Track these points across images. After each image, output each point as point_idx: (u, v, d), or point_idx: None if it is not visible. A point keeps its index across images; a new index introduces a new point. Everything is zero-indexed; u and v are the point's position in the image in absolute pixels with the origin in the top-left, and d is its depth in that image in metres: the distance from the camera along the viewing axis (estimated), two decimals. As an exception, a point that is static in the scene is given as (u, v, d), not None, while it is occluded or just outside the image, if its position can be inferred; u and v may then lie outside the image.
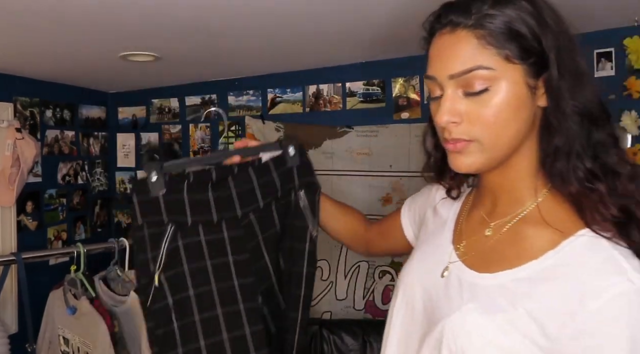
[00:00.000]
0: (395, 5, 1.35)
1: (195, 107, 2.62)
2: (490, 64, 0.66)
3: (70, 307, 1.53)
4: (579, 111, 0.67)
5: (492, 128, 0.68)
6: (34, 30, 1.54)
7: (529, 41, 0.67)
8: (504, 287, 0.68)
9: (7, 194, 2.12)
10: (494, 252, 0.74)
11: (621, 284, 0.60)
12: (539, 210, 0.71)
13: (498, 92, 0.67)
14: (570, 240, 0.66)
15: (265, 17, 1.48)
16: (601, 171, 0.68)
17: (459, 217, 0.86)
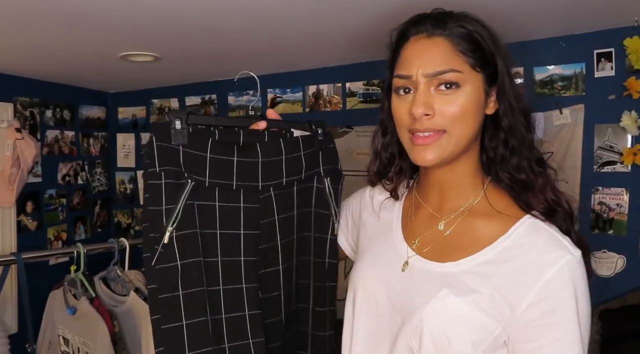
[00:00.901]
0: (395, 5, 1.35)
1: (195, 107, 2.61)
2: (460, 68, 0.78)
3: (70, 307, 1.53)
4: (522, 115, 0.82)
5: (460, 122, 0.79)
6: (34, 31, 1.54)
7: (487, 55, 0.80)
8: (469, 271, 0.78)
9: (7, 194, 2.12)
10: (451, 244, 0.83)
11: (565, 256, 0.74)
12: (487, 202, 0.83)
13: (464, 93, 0.78)
14: (515, 226, 0.79)
15: (265, 17, 1.48)
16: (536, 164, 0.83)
17: (404, 216, 0.93)
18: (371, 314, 0.87)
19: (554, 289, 0.73)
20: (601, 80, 1.69)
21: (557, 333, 0.73)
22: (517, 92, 0.83)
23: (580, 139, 1.72)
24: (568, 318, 0.73)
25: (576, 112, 1.72)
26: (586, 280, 0.76)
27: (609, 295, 1.71)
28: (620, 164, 1.66)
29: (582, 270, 0.75)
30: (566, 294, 0.73)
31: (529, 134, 0.84)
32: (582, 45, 1.71)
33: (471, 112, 0.79)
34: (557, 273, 0.73)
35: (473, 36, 0.80)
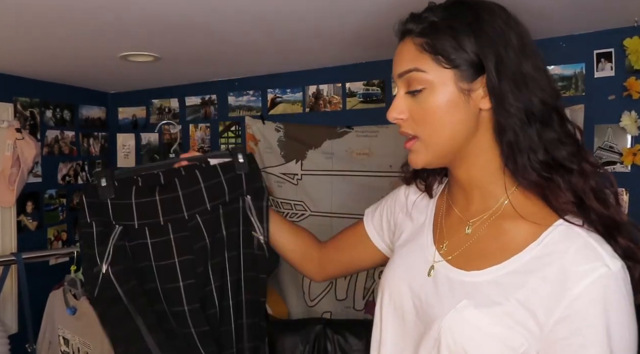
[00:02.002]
0: (395, 5, 1.35)
1: (195, 107, 2.62)
2: (424, 67, 0.74)
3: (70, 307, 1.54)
4: (523, 111, 0.71)
5: (429, 126, 0.75)
6: (34, 31, 1.54)
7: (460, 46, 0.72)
8: (494, 282, 0.72)
9: (7, 194, 2.12)
10: (477, 250, 0.77)
11: (599, 268, 0.66)
12: (512, 205, 0.75)
13: (432, 94, 0.74)
14: (548, 231, 0.71)
15: (265, 18, 1.48)
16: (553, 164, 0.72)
17: (437, 217, 0.89)
18: (397, 318, 0.85)
19: (582, 306, 0.65)
20: (601, 80, 1.69)
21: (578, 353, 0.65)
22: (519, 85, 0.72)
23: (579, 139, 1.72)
24: (596, 340, 0.64)
25: (576, 113, 1.72)
26: (627, 298, 0.66)
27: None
28: (620, 165, 1.66)
29: (620, 286, 0.66)
30: (595, 313, 0.65)
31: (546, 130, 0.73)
32: (582, 45, 1.71)
33: (441, 114, 0.74)
34: (587, 288, 0.65)
35: (440, 29, 0.73)
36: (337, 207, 2.19)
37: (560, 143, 0.73)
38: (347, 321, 1.99)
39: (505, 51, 0.72)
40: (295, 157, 2.28)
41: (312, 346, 1.81)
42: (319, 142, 2.22)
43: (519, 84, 0.72)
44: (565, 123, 0.75)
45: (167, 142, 2.71)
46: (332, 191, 2.22)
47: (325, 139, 2.21)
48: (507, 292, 0.70)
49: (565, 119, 0.75)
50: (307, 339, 1.81)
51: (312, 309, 2.23)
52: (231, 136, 2.52)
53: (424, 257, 0.84)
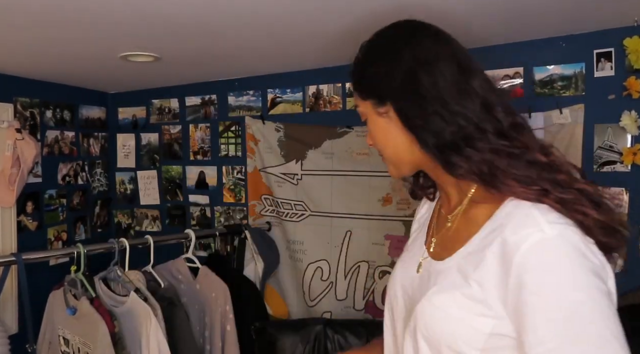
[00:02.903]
0: (395, 5, 1.36)
1: (195, 108, 2.62)
2: (357, 103, 0.88)
3: (70, 307, 1.53)
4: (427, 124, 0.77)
5: (379, 147, 0.87)
6: (35, 31, 1.54)
7: (365, 85, 0.85)
8: (456, 265, 0.76)
9: (7, 194, 2.12)
10: (452, 239, 0.83)
11: (534, 234, 0.67)
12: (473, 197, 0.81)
13: (368, 122, 0.86)
14: (500, 208, 0.74)
15: (265, 18, 1.48)
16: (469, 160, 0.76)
17: (432, 219, 0.95)
18: (391, 317, 0.91)
19: (523, 274, 0.66)
20: (601, 80, 1.69)
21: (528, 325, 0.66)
22: (418, 104, 0.78)
23: (580, 138, 1.72)
24: (539, 306, 0.65)
25: (576, 112, 1.72)
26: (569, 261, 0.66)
27: (609, 295, 1.71)
28: (620, 164, 1.66)
29: (558, 250, 0.66)
30: (534, 280, 0.66)
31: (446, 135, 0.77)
32: (582, 45, 1.71)
33: (378, 138, 0.86)
34: (524, 256, 0.67)
35: (355, 68, 0.88)
36: (337, 207, 2.19)
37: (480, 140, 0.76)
38: (347, 321, 1.99)
39: (398, 76, 0.79)
40: (295, 157, 2.28)
41: (313, 346, 1.81)
42: (319, 142, 2.22)
43: (417, 102, 0.77)
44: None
45: (167, 142, 2.71)
46: (332, 191, 2.22)
47: (325, 139, 2.21)
48: (466, 274, 0.73)
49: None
50: (307, 339, 1.81)
51: (312, 309, 2.23)
52: (231, 136, 2.52)
53: (415, 256, 0.90)
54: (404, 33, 0.83)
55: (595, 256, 0.68)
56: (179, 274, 1.82)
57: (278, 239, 2.33)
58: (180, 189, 2.67)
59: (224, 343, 1.73)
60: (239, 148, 2.50)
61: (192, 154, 2.63)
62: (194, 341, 1.68)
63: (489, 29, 1.66)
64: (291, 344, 1.79)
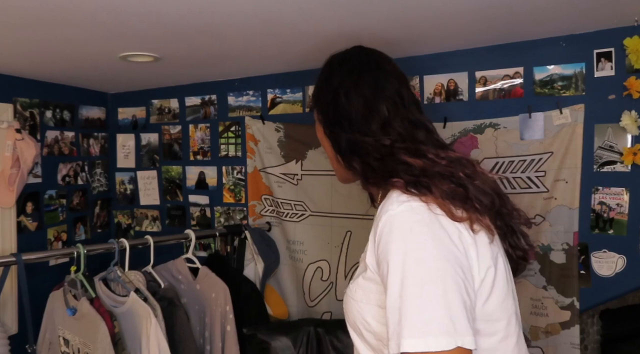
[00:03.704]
0: (395, 6, 1.35)
1: (195, 108, 2.62)
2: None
3: (70, 308, 1.53)
4: (332, 133, 1.04)
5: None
6: (34, 31, 1.54)
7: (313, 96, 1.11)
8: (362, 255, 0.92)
9: (7, 195, 2.12)
10: None
11: (387, 212, 0.83)
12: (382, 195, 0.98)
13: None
14: (385, 198, 0.90)
15: (265, 18, 1.48)
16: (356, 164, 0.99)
17: None
18: None
19: (378, 246, 0.83)
20: (601, 80, 1.69)
21: (386, 283, 0.80)
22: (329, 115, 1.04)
23: (580, 138, 1.72)
24: (390, 271, 0.78)
25: (576, 112, 1.72)
26: (409, 231, 0.79)
27: (609, 295, 1.71)
28: (620, 164, 1.66)
29: (400, 222, 0.81)
30: (384, 249, 0.81)
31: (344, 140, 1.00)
32: (582, 45, 1.71)
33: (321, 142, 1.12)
34: (379, 231, 0.82)
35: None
36: (337, 207, 2.19)
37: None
38: (340, 321, 1.98)
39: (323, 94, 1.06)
40: (295, 157, 2.28)
41: (306, 348, 1.80)
42: (319, 142, 2.22)
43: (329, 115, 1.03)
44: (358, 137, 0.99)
45: (167, 142, 2.71)
46: (332, 191, 2.22)
47: (325, 139, 2.21)
48: (364, 260, 0.89)
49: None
50: (300, 341, 1.80)
51: (313, 310, 2.23)
52: (231, 136, 2.52)
53: None
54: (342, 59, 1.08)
55: (440, 226, 0.80)
56: (179, 274, 1.82)
57: (278, 240, 2.33)
58: (180, 190, 2.67)
59: (224, 343, 1.73)
60: (239, 148, 2.49)
61: (192, 154, 2.63)
62: (194, 341, 1.68)
63: (489, 29, 1.66)
64: (283, 346, 1.78)
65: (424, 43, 1.84)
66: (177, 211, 2.69)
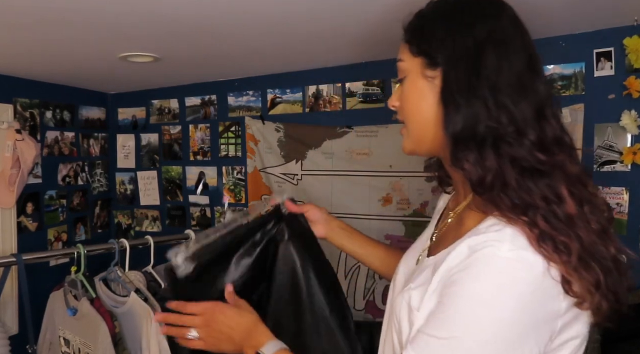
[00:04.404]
0: (394, 5, 1.35)
1: (195, 108, 2.62)
2: (403, 56, 0.79)
3: (70, 308, 1.53)
4: (467, 108, 0.69)
5: (407, 113, 0.79)
6: (34, 31, 1.54)
7: (428, 37, 0.75)
8: (435, 265, 0.73)
9: (7, 195, 2.12)
10: (443, 237, 0.82)
11: (488, 248, 0.64)
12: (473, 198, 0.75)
13: (407, 81, 0.78)
14: (486, 219, 0.69)
15: (265, 18, 1.48)
16: (480, 162, 0.69)
17: (443, 211, 0.93)
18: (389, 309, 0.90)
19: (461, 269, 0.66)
20: (601, 79, 1.69)
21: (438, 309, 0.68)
22: (472, 82, 0.69)
23: (580, 138, 1.72)
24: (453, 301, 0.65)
25: (576, 112, 1.72)
26: (507, 290, 0.62)
27: (610, 294, 1.71)
28: (620, 164, 1.66)
29: (502, 271, 0.62)
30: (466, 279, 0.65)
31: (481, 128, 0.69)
32: (582, 44, 1.71)
33: (412, 102, 0.77)
34: (472, 257, 0.65)
35: (417, 20, 0.78)
36: (337, 207, 2.19)
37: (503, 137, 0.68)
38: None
39: (465, 43, 0.70)
40: (295, 157, 2.28)
41: None
42: (319, 142, 2.22)
43: (470, 79, 0.70)
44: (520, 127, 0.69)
45: (167, 142, 2.71)
46: (332, 191, 2.22)
47: (325, 139, 2.21)
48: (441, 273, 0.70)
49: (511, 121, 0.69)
50: None
51: (313, 309, 2.23)
52: (231, 136, 2.52)
53: (419, 248, 0.89)
54: (486, 4, 0.74)
55: (552, 298, 0.63)
56: (179, 274, 1.82)
57: (278, 239, 2.33)
58: (180, 190, 2.67)
59: (225, 343, 1.73)
60: (239, 148, 2.50)
61: (192, 154, 2.63)
62: (194, 341, 1.68)
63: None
64: None
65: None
66: (177, 211, 2.69)
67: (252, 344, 0.92)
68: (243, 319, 0.96)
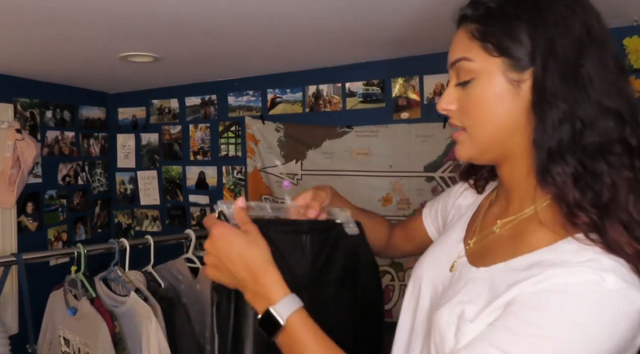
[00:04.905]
0: (394, 5, 1.36)
1: (195, 108, 2.62)
2: (473, 56, 0.69)
3: (70, 308, 1.53)
4: (565, 113, 0.63)
5: (474, 119, 0.71)
6: (34, 31, 1.54)
7: (512, 36, 0.66)
8: (492, 279, 0.67)
9: (8, 195, 2.12)
10: (493, 248, 0.74)
11: (590, 273, 0.59)
12: (537, 212, 0.69)
13: (478, 85, 0.69)
14: (565, 240, 0.63)
15: (265, 18, 1.48)
16: (583, 178, 0.62)
17: (477, 213, 0.85)
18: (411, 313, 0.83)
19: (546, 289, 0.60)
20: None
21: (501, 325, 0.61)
22: (572, 84, 0.62)
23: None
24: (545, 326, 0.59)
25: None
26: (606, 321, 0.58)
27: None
28: (620, 164, 1.66)
29: (601, 304, 0.57)
30: (560, 304, 0.59)
31: (588, 138, 0.62)
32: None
33: (486, 106, 0.69)
34: (567, 283, 0.59)
35: (492, 14, 0.68)
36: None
37: (601, 152, 0.61)
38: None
39: (561, 41, 0.63)
40: (295, 157, 2.28)
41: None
42: (319, 142, 2.22)
43: (569, 82, 0.63)
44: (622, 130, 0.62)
45: (167, 142, 2.71)
46: (332, 191, 2.22)
47: (325, 139, 2.21)
48: (498, 290, 0.64)
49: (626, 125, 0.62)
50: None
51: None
52: (231, 136, 2.52)
53: (449, 252, 0.81)
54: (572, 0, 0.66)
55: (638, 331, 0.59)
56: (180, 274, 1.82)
57: (278, 239, 2.33)
58: (180, 190, 2.67)
59: (225, 343, 1.73)
60: (239, 148, 2.50)
61: (192, 154, 2.63)
62: (194, 341, 1.68)
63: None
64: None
65: (424, 43, 1.84)
66: (177, 210, 2.69)
67: (260, 292, 0.73)
68: (250, 253, 0.73)
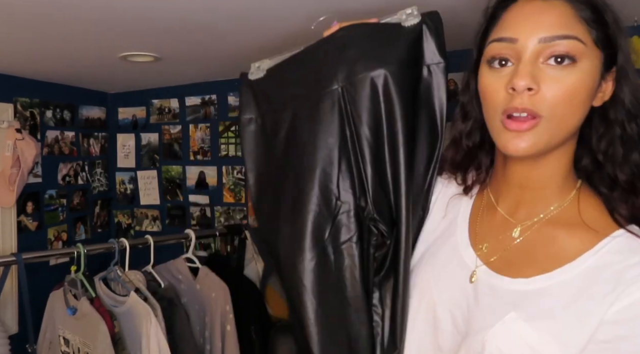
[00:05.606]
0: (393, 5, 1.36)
1: (195, 108, 2.62)
2: (583, 38, 0.63)
3: (70, 307, 1.53)
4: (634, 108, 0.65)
5: (565, 107, 0.62)
6: (34, 31, 1.54)
7: (611, 31, 0.65)
8: (544, 291, 0.63)
9: (8, 194, 2.12)
10: (523, 255, 0.69)
11: None
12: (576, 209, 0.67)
13: (580, 71, 0.62)
14: (605, 240, 0.63)
15: (265, 17, 1.48)
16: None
17: (473, 217, 0.78)
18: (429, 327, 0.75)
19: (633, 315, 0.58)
20: None
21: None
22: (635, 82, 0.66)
23: (580, 138, 1.71)
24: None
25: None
26: None
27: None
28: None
29: None
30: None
31: None
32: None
33: (581, 96, 0.63)
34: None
35: (597, 5, 0.66)
36: (337, 207, 2.19)
37: None
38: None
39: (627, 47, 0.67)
40: (295, 157, 2.28)
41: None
42: (319, 142, 2.22)
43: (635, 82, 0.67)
44: None
45: (167, 142, 2.71)
46: (332, 191, 2.22)
47: (325, 139, 2.21)
48: (560, 304, 0.61)
49: None
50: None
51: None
52: (231, 136, 2.52)
53: (460, 261, 0.75)
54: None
55: None
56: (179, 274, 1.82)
57: (278, 239, 2.33)
58: (180, 189, 2.67)
59: (224, 343, 1.73)
60: (239, 148, 2.50)
61: (192, 154, 2.63)
62: (194, 341, 1.68)
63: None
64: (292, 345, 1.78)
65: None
66: (177, 210, 2.69)
67: None
68: None
